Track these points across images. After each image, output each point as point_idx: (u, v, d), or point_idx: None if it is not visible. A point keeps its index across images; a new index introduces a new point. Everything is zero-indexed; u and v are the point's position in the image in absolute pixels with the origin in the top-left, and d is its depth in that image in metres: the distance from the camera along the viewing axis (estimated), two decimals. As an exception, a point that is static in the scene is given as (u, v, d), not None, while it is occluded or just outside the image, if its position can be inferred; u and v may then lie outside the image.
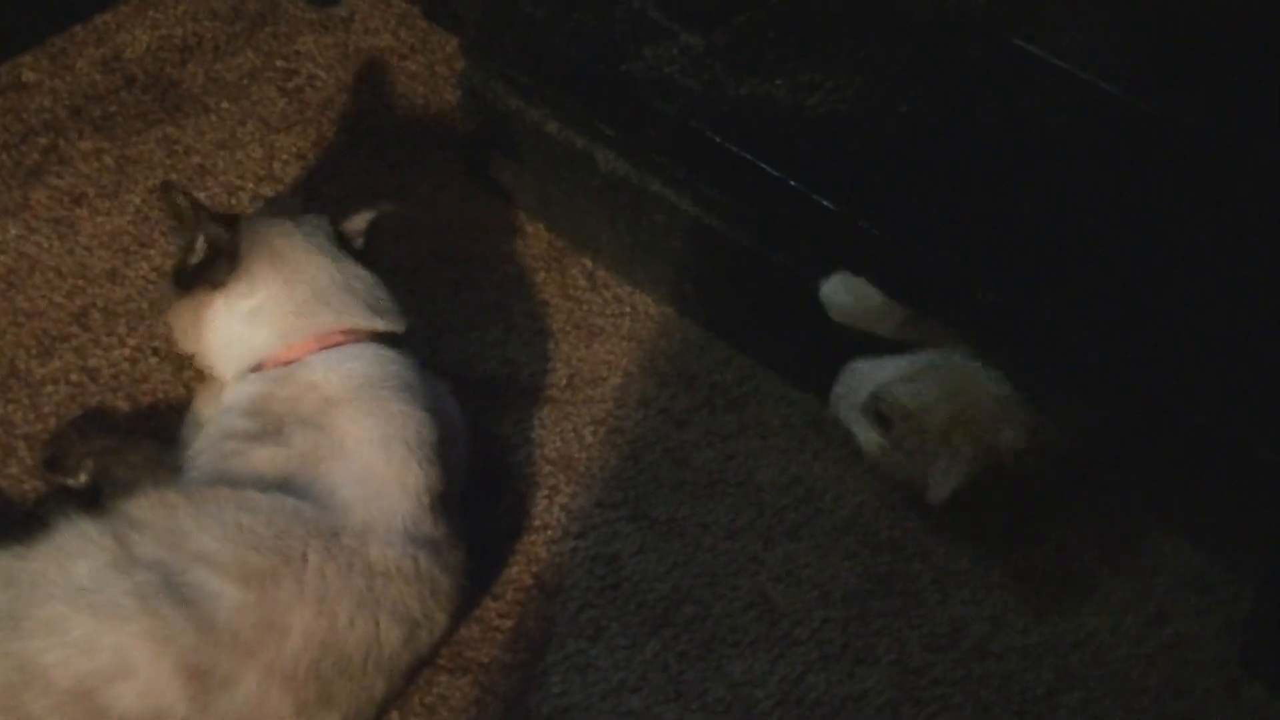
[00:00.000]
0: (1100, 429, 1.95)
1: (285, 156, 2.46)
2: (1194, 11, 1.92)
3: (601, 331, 2.25)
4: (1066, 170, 1.97)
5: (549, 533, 2.01)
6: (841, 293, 2.03)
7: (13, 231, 2.30)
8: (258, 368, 1.89)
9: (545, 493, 2.05)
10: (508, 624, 1.90)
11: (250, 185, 2.42)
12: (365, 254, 2.00)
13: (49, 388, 2.10)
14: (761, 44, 2.20)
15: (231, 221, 1.95)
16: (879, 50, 2.18)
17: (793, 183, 2.05)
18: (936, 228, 1.99)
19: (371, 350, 1.89)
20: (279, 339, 1.89)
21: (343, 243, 1.99)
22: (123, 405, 2.09)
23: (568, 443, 2.11)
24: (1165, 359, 1.85)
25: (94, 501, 1.84)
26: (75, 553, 1.65)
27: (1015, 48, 2.09)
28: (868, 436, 1.98)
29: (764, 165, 2.07)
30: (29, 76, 2.52)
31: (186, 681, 1.59)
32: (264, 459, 1.78)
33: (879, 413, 1.95)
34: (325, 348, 1.88)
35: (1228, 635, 1.88)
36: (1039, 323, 1.93)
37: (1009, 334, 1.97)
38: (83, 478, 1.94)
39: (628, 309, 2.29)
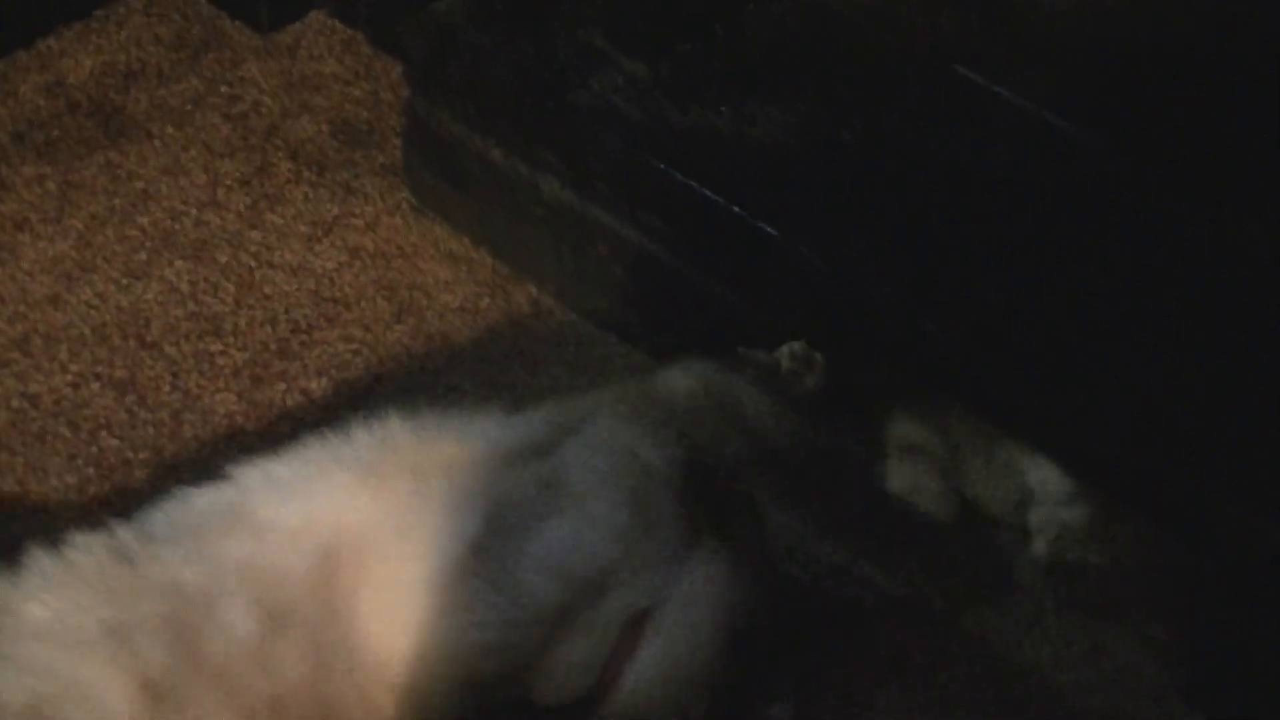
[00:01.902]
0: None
1: (229, 182, 2.43)
2: (1141, 48, 1.91)
3: (546, 359, 2.22)
4: (1010, 201, 1.96)
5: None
6: None
7: (-47, 257, 2.26)
8: None
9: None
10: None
11: (194, 210, 2.38)
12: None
13: (-11, 413, 2.06)
14: (706, 73, 2.17)
15: None
16: (822, 79, 2.16)
17: (736, 210, 2.03)
18: (879, 256, 1.96)
19: None
20: None
21: None
22: (65, 431, 2.04)
23: (512, 470, 2.06)
24: (1105, 398, 1.84)
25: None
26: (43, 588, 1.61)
27: (958, 76, 2.07)
28: None
29: (708, 193, 2.05)
30: (-29, 101, 2.48)
31: (142, 696, 1.54)
32: None
33: None
34: None
35: (1168, 668, 1.87)
36: (983, 352, 1.91)
37: (950, 364, 1.94)
38: None
39: (571, 336, 2.26)
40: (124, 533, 1.66)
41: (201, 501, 1.70)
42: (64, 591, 1.60)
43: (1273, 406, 1.71)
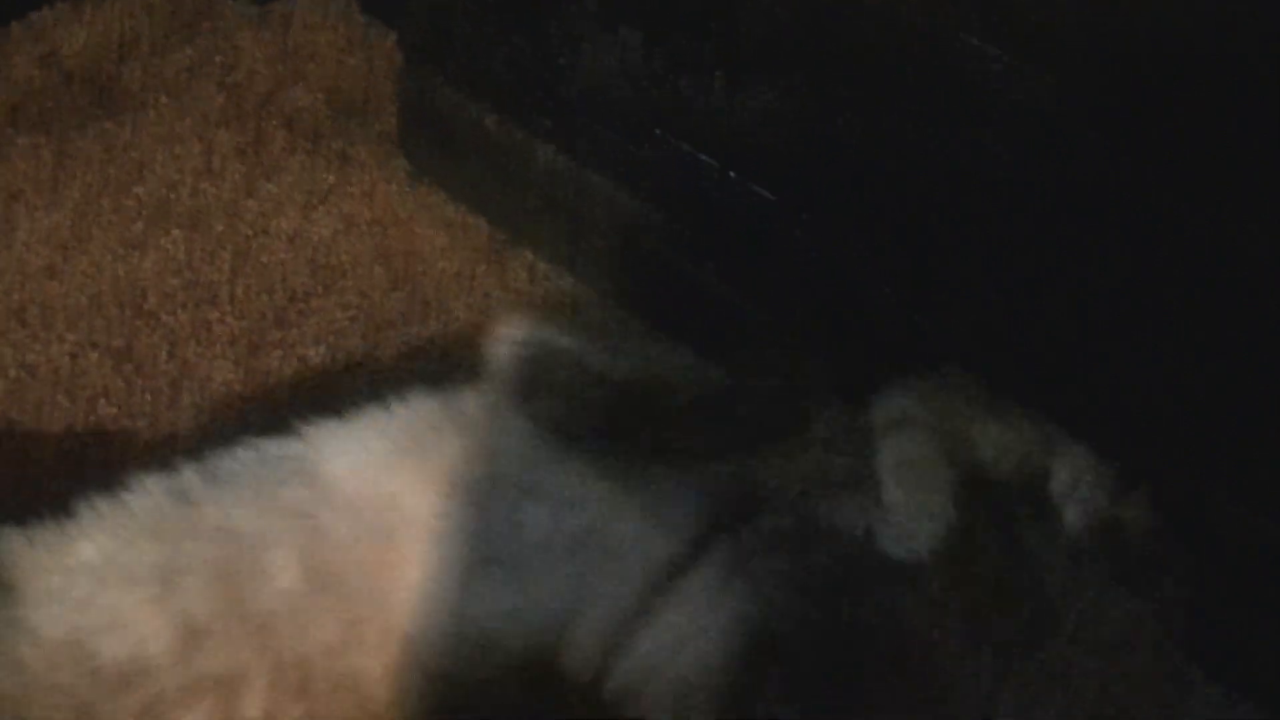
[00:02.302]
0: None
1: (224, 152, 2.42)
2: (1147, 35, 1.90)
3: None
4: (1008, 169, 1.94)
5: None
6: None
7: (-51, 229, 2.26)
8: None
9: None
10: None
11: (189, 180, 2.38)
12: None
13: (-14, 384, 2.06)
14: (701, 40, 2.16)
15: None
16: (821, 44, 2.14)
17: (732, 174, 2.02)
18: (878, 217, 1.95)
19: None
20: None
21: None
22: (63, 401, 2.03)
23: (511, 437, 2.06)
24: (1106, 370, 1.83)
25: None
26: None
27: (961, 43, 2.05)
28: None
29: (703, 157, 2.04)
30: (-35, 74, 2.48)
31: (181, 638, 1.55)
32: None
33: None
34: None
35: (1168, 623, 1.83)
36: (979, 316, 1.90)
37: (947, 325, 1.94)
38: None
39: (568, 302, 2.26)
40: (188, 473, 1.67)
41: (270, 449, 1.71)
42: (116, 530, 1.62)
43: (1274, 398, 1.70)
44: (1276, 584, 1.76)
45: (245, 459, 1.70)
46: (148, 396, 2.06)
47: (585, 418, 1.77)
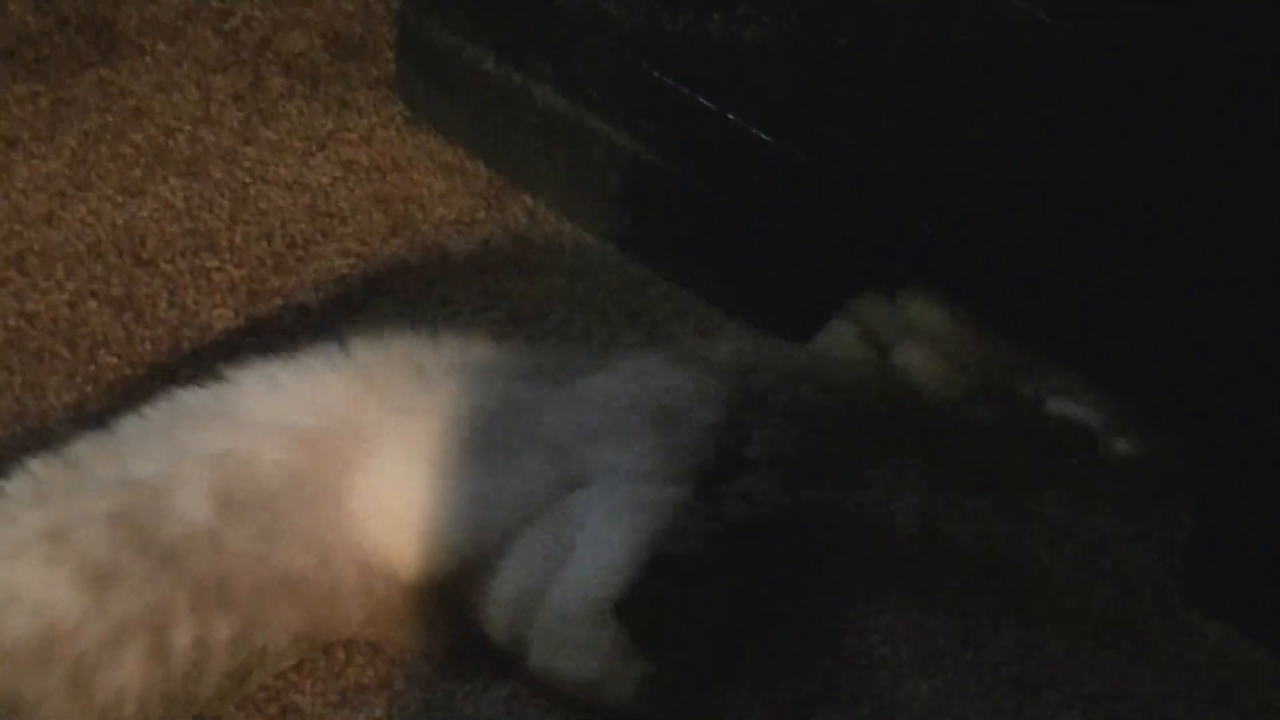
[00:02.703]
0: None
1: (222, 98, 2.41)
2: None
3: (542, 268, 2.21)
4: (1009, 99, 1.92)
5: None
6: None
7: (-54, 177, 2.25)
8: None
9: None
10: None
11: (187, 127, 2.36)
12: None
13: (-14, 333, 2.06)
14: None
15: None
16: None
17: (730, 116, 2.00)
18: (876, 158, 1.94)
19: None
20: None
21: None
22: (63, 350, 2.03)
23: (510, 379, 2.06)
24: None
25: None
26: None
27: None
28: None
29: (701, 99, 2.02)
30: (-40, 20, 2.46)
31: (85, 588, 1.54)
32: None
33: None
34: None
35: (1166, 563, 1.86)
36: (980, 253, 1.89)
37: (949, 265, 1.93)
38: None
39: (568, 245, 2.25)
40: (78, 442, 1.68)
41: (187, 398, 1.72)
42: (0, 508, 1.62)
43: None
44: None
45: (156, 413, 1.70)
46: (147, 345, 2.05)
47: None
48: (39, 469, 1.65)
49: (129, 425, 1.70)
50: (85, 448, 1.68)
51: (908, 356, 1.95)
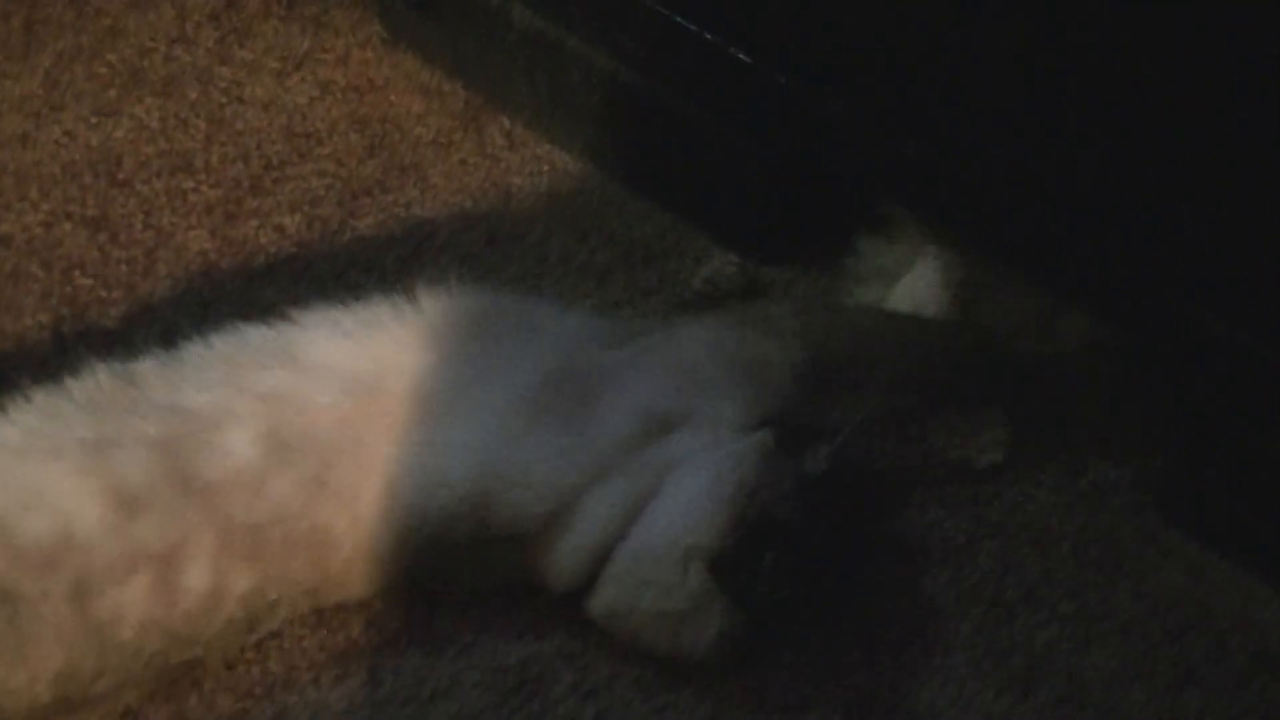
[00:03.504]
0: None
1: (198, 18, 2.39)
2: None
3: (520, 190, 2.19)
4: (997, 14, 1.90)
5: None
6: None
7: (-82, 97, 2.22)
8: None
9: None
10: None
11: (162, 47, 2.34)
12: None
13: (-40, 254, 2.04)
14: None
15: None
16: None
17: (709, 36, 1.98)
18: (857, 80, 1.92)
19: None
20: None
21: None
22: (38, 271, 2.01)
23: (488, 301, 2.05)
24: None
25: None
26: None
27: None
28: None
29: (680, 19, 2.00)
30: (-70, -62, 2.42)
31: (113, 507, 1.53)
32: None
33: None
34: None
35: (1145, 483, 1.86)
36: (965, 177, 1.88)
37: (932, 187, 1.91)
38: None
39: (546, 166, 2.23)
40: (147, 360, 1.66)
41: (251, 334, 1.70)
42: (45, 411, 1.60)
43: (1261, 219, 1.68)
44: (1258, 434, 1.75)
45: (221, 344, 1.68)
46: (123, 267, 2.03)
47: None
48: (103, 377, 1.63)
49: (193, 353, 1.67)
50: (149, 367, 1.65)
51: (908, 285, 1.98)
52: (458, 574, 1.69)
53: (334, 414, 1.62)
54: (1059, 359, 1.93)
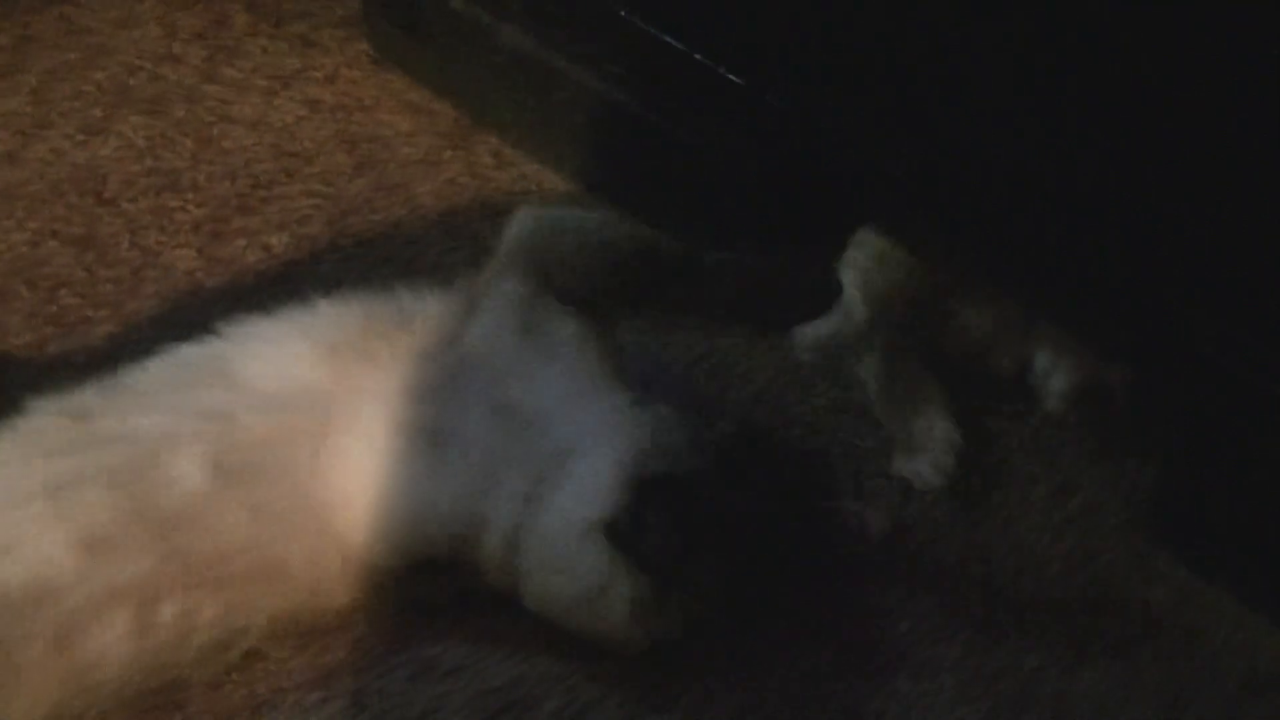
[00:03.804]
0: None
1: (185, 35, 2.40)
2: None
3: (509, 209, 2.11)
4: (988, 37, 1.91)
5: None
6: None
7: (-96, 115, 2.22)
8: None
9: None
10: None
11: (149, 65, 2.35)
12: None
13: (-54, 273, 2.03)
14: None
15: None
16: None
17: (698, 56, 1.98)
18: (847, 101, 1.93)
19: None
20: None
21: None
22: (23, 290, 2.01)
23: (476, 322, 2.04)
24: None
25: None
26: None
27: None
28: None
29: (669, 39, 2.00)
30: (-82, -44, 2.42)
31: (82, 552, 1.52)
32: None
33: None
34: None
35: (1133, 507, 1.87)
36: (955, 199, 1.89)
37: (920, 206, 1.93)
38: None
39: (535, 186, 2.24)
40: (87, 392, 1.65)
41: (186, 353, 1.69)
42: (8, 452, 1.59)
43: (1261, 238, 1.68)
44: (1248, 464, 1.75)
45: (157, 366, 1.68)
46: (109, 286, 2.03)
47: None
48: (52, 414, 1.63)
49: (133, 377, 1.67)
50: (92, 398, 1.64)
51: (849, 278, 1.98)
52: (431, 594, 1.69)
53: (265, 433, 1.62)
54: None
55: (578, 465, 1.64)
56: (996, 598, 1.78)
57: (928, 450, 1.88)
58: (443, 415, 1.66)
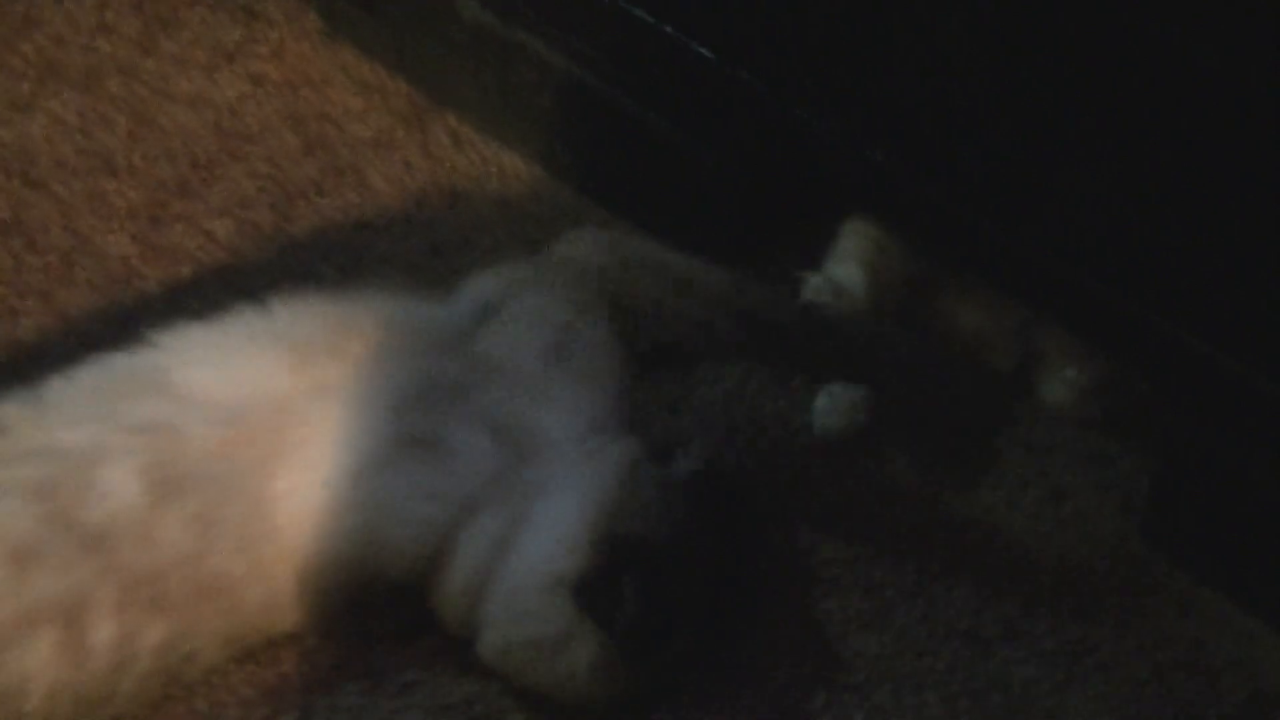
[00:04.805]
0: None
1: (119, 7, 2.39)
2: None
3: (467, 195, 2.19)
4: (967, 13, 1.91)
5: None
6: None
7: None
8: None
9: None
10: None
11: (81, 37, 2.34)
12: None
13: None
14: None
15: None
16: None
17: (669, 30, 1.98)
18: (823, 80, 1.93)
19: None
20: None
21: None
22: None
23: (432, 313, 2.04)
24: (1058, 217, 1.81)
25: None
26: None
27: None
28: None
29: (638, 12, 2.00)
30: None
31: (8, 564, 1.52)
32: None
33: None
34: None
35: (1129, 510, 1.86)
36: (930, 180, 1.89)
37: (899, 193, 1.92)
38: None
39: (495, 170, 2.23)
40: (7, 404, 1.64)
41: (116, 363, 1.69)
42: None
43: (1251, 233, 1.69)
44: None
45: (85, 377, 1.67)
46: (38, 274, 2.02)
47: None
48: None
49: (57, 389, 1.66)
50: (13, 410, 1.64)
51: (842, 272, 1.99)
52: (389, 618, 1.70)
53: (208, 445, 1.61)
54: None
55: (548, 507, 1.65)
56: (984, 607, 1.78)
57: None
58: (433, 424, 1.67)
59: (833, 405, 1.92)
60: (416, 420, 1.67)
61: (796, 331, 1.96)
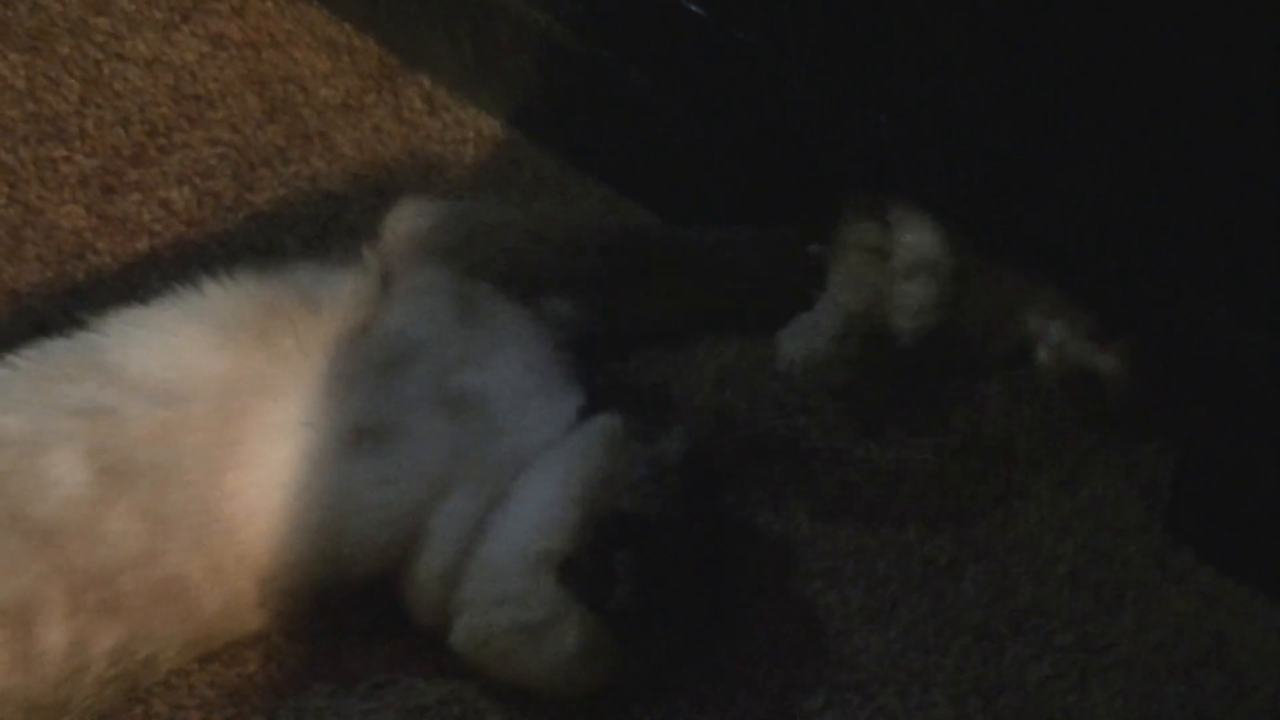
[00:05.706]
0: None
1: (70, -40, 2.37)
2: None
3: (441, 161, 2.18)
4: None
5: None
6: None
7: None
8: None
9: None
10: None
11: None
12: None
13: None
14: None
15: None
16: None
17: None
18: (823, 38, 1.91)
19: None
20: None
21: None
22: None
23: (407, 287, 2.03)
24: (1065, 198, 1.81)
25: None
26: None
27: None
28: None
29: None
30: None
31: None
32: None
33: None
34: None
35: (1151, 497, 1.86)
36: (929, 139, 1.89)
37: (896, 153, 1.92)
38: None
39: (471, 134, 2.22)
40: None
41: (54, 347, 1.70)
42: None
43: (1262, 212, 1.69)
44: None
45: (23, 361, 1.67)
46: (-16, 247, 2.01)
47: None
48: None
49: None
50: None
51: (909, 289, 1.95)
52: (358, 616, 1.70)
53: (149, 426, 1.61)
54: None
55: (530, 484, 1.66)
56: (995, 601, 1.78)
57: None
58: (380, 409, 1.67)
59: (794, 329, 1.94)
60: (360, 407, 1.67)
61: (675, 253, 1.95)
